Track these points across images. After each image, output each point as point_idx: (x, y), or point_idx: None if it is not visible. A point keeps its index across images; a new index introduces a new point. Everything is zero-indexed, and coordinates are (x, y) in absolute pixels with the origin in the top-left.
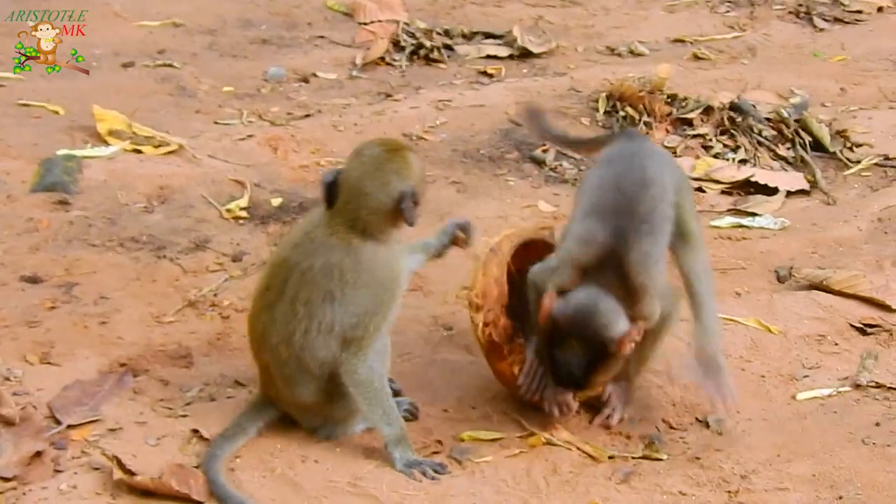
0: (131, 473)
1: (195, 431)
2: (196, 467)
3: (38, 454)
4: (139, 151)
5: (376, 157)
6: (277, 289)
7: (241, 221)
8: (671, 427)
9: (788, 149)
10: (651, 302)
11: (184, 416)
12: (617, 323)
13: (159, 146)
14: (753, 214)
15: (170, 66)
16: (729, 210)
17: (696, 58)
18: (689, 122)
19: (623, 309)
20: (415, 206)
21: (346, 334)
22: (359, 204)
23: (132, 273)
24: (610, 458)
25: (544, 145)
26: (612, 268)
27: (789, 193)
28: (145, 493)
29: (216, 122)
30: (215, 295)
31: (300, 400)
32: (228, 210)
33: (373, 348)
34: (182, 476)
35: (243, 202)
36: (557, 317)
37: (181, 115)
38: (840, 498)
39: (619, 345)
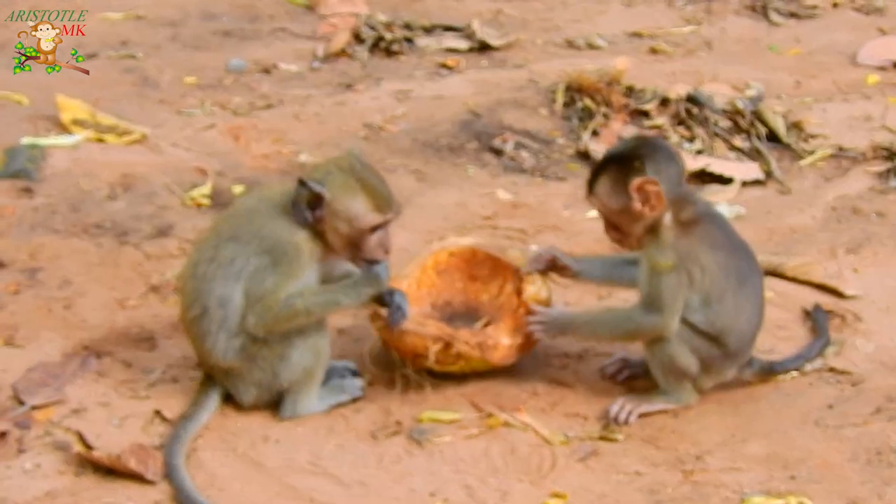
0: (90, 448)
1: (158, 412)
2: (157, 448)
3: (3, 434)
4: (102, 140)
5: (346, 163)
6: (202, 242)
7: (203, 209)
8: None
9: (744, 140)
10: None
11: (146, 397)
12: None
13: (122, 135)
14: None
15: (132, 57)
16: None
17: (653, 51)
18: (646, 114)
19: None
20: (311, 208)
21: (247, 288)
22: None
23: (95, 258)
24: (567, 439)
25: (503, 135)
26: None
27: (745, 183)
28: (108, 471)
29: (179, 112)
30: (177, 280)
31: (218, 362)
32: (191, 197)
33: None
34: (141, 456)
35: (206, 190)
36: None
37: (144, 105)
38: (793, 477)
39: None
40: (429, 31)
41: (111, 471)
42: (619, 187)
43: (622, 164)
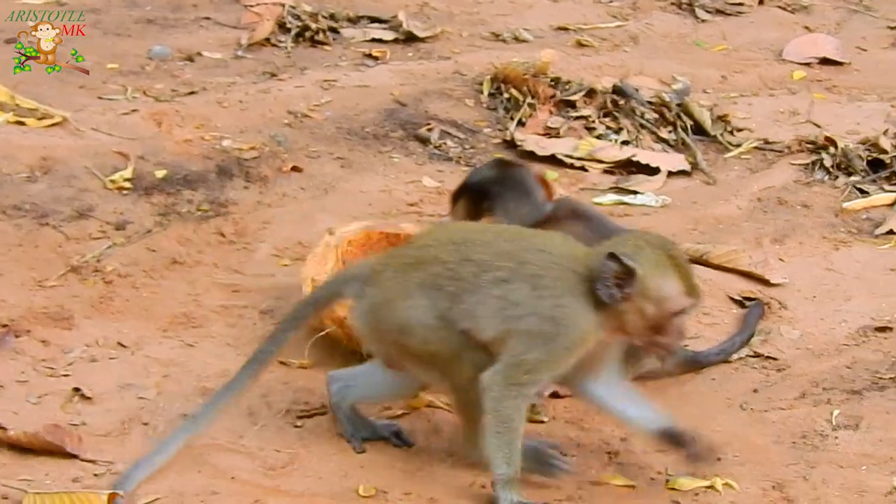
0: (3, 429)
1: (77, 390)
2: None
3: None
4: (22, 123)
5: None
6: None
7: (124, 192)
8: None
9: (670, 132)
10: None
11: (66, 375)
12: None
13: (42, 118)
14: (635, 192)
15: None
16: (611, 188)
17: (580, 45)
18: (573, 105)
19: None
20: (619, 285)
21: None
22: None
23: (14, 239)
24: None
25: (429, 124)
26: None
27: (671, 174)
28: (23, 449)
29: (100, 98)
30: (98, 261)
31: None
32: (112, 181)
33: None
34: (57, 434)
35: (127, 173)
36: None
37: (65, 91)
38: (718, 460)
39: None
40: (354, 21)
41: (29, 449)
42: (471, 217)
43: (476, 196)
